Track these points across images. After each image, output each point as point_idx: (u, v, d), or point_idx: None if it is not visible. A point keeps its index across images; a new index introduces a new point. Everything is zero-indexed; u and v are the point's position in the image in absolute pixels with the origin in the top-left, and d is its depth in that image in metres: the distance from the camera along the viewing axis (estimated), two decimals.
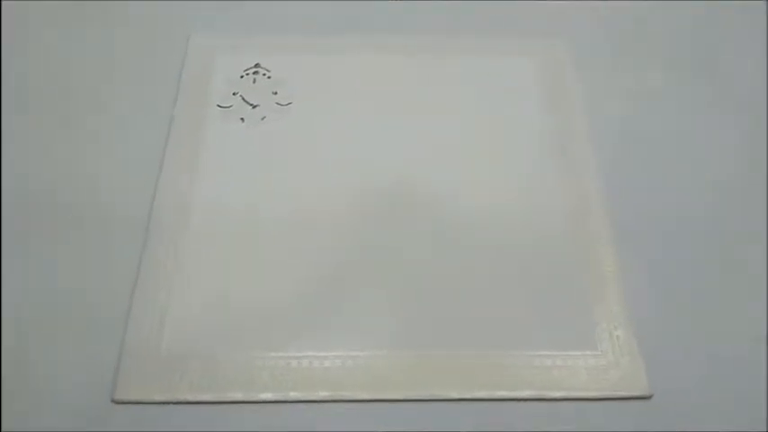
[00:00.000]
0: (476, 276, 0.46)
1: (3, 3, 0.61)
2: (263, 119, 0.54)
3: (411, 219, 0.49)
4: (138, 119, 0.54)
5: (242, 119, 0.54)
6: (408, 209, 0.49)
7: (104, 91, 0.56)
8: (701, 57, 0.59)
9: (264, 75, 0.56)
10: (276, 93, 0.55)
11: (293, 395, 0.41)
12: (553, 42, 0.59)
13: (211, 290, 0.45)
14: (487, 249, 0.47)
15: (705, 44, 0.60)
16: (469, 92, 0.56)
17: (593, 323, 0.44)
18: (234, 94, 0.55)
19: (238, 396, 0.41)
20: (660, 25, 0.62)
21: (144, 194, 0.50)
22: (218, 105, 0.55)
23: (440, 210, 0.49)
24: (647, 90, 0.57)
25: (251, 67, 0.57)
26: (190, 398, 0.41)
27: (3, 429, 0.40)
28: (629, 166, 0.52)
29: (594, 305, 0.45)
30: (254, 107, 0.55)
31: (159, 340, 0.43)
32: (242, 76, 0.56)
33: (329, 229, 0.48)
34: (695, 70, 0.58)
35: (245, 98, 0.55)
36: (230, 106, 0.55)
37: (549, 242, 0.48)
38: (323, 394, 0.41)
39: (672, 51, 0.60)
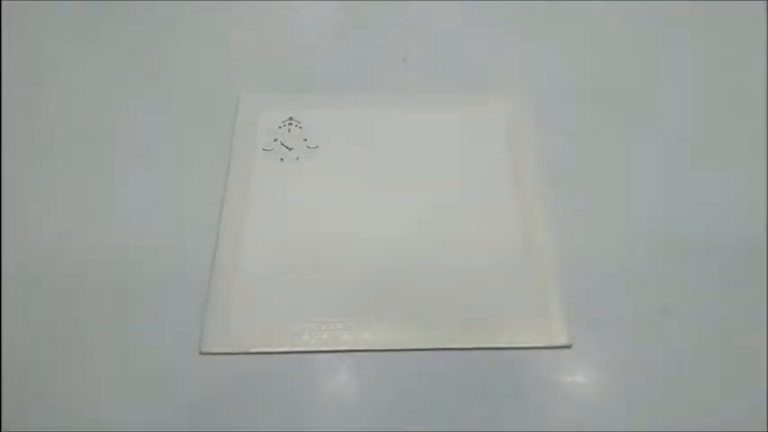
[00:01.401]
0: (453, 276, 0.63)
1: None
2: (297, 158, 0.71)
3: (410, 244, 0.65)
4: (203, 160, 0.70)
5: (281, 159, 0.71)
6: (405, 235, 0.66)
7: (173, 140, 0.71)
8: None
9: (296, 125, 0.73)
10: (306, 139, 0.73)
11: (324, 347, 0.60)
12: (515, 94, 0.75)
13: (264, 284, 0.63)
14: (462, 259, 0.64)
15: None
16: (451, 142, 0.72)
17: (533, 299, 0.62)
18: (275, 140, 0.72)
19: (286, 348, 0.60)
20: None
21: (210, 218, 0.65)
22: (263, 149, 0.72)
23: (429, 235, 0.65)
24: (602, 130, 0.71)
25: (286, 120, 0.74)
26: (254, 350, 0.59)
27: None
28: (575, 201, 0.67)
29: (534, 289, 0.63)
30: (290, 150, 0.72)
31: (230, 314, 0.61)
32: (280, 126, 0.73)
33: (346, 239, 0.66)
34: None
35: (283, 143, 0.72)
36: (272, 149, 0.72)
37: (506, 258, 0.65)
38: (344, 346, 0.60)
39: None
